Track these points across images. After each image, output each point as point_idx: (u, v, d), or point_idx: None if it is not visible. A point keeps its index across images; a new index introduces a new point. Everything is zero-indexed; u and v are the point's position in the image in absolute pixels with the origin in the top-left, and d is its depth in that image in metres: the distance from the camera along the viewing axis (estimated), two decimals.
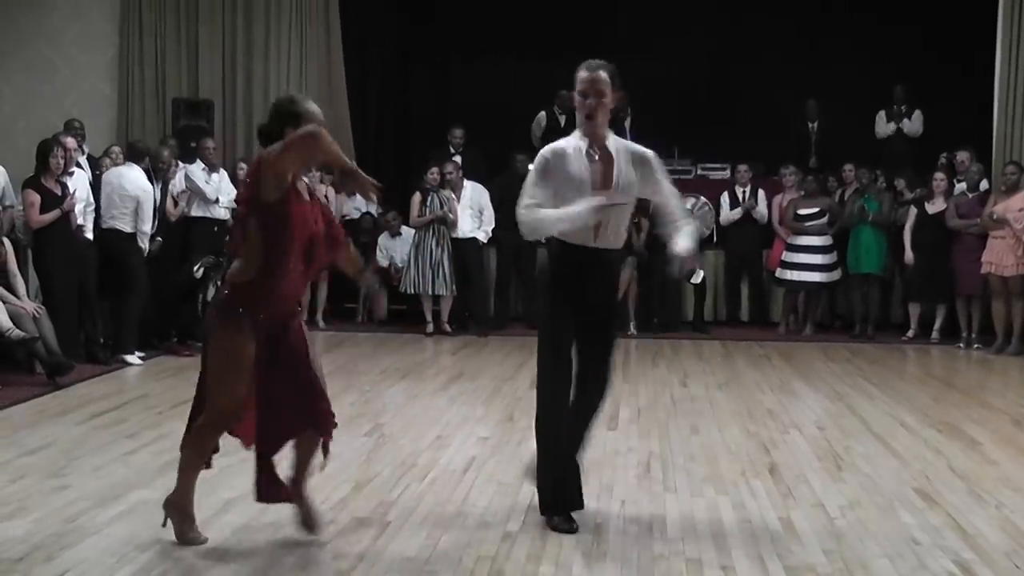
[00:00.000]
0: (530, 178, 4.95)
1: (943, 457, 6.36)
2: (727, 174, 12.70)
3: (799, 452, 6.38)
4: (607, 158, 4.91)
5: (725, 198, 12.29)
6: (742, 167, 12.28)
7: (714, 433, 6.87)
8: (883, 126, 12.97)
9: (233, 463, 5.94)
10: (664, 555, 4.55)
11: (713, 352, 10.51)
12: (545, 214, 4.81)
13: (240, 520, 4.96)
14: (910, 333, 11.49)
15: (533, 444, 6.43)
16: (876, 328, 11.71)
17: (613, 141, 4.98)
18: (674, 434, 6.86)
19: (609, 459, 6.17)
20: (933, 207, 11.28)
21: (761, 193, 12.23)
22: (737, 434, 6.87)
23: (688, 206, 12.21)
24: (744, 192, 12.25)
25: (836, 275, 11.81)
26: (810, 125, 13.42)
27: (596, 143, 4.94)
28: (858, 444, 6.65)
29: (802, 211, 11.80)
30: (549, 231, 4.90)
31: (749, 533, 4.86)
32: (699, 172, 12.79)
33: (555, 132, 13.02)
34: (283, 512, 5.05)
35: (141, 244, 9.53)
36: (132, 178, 9.50)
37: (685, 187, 12.32)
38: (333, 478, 5.67)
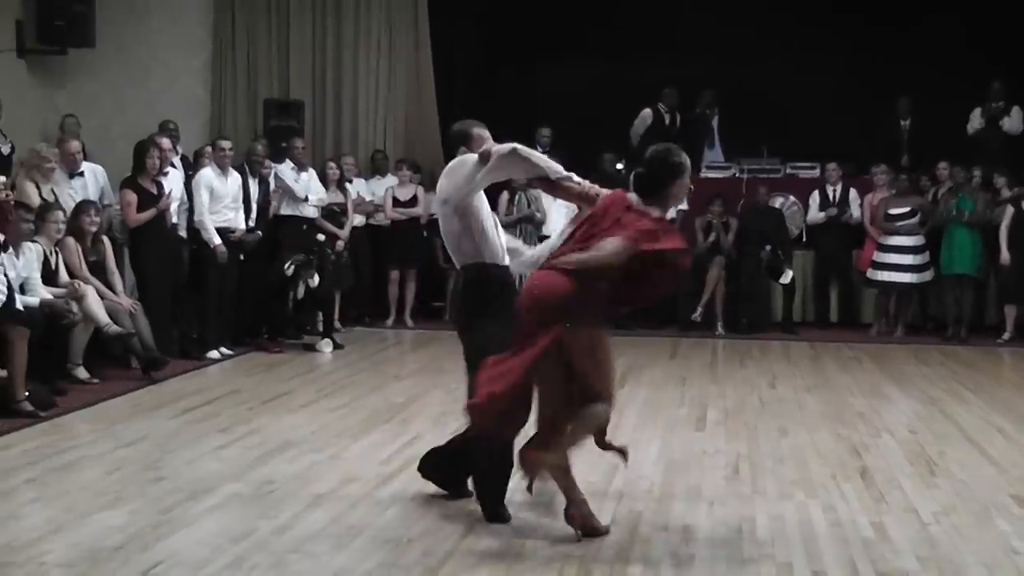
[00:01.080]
0: None
1: None
2: (816, 173, 12.51)
3: (891, 456, 6.27)
4: None
5: (815, 197, 12.11)
6: (831, 166, 12.10)
7: (803, 436, 6.78)
8: (978, 123, 12.66)
9: (322, 459, 6.05)
10: (754, 558, 4.51)
11: (802, 354, 10.37)
12: None
13: (330, 514, 5.02)
14: (1006, 336, 11.21)
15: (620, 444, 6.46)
16: (970, 331, 11.44)
17: None
18: (762, 436, 6.79)
19: (697, 460, 6.13)
20: None
21: (853, 192, 12.03)
22: (827, 437, 6.77)
23: (777, 205, 12.09)
24: (835, 191, 12.06)
25: (928, 276, 11.57)
26: (902, 123, 13.15)
27: None
28: (952, 449, 6.51)
29: (893, 211, 11.58)
30: None
31: (840, 537, 4.79)
32: (788, 171, 12.60)
33: (660, 130, 13.01)
34: (374, 508, 5.12)
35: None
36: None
37: (774, 186, 12.23)
38: (420, 476, 5.71)
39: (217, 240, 9.47)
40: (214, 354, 9.47)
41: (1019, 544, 4.72)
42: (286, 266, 10.00)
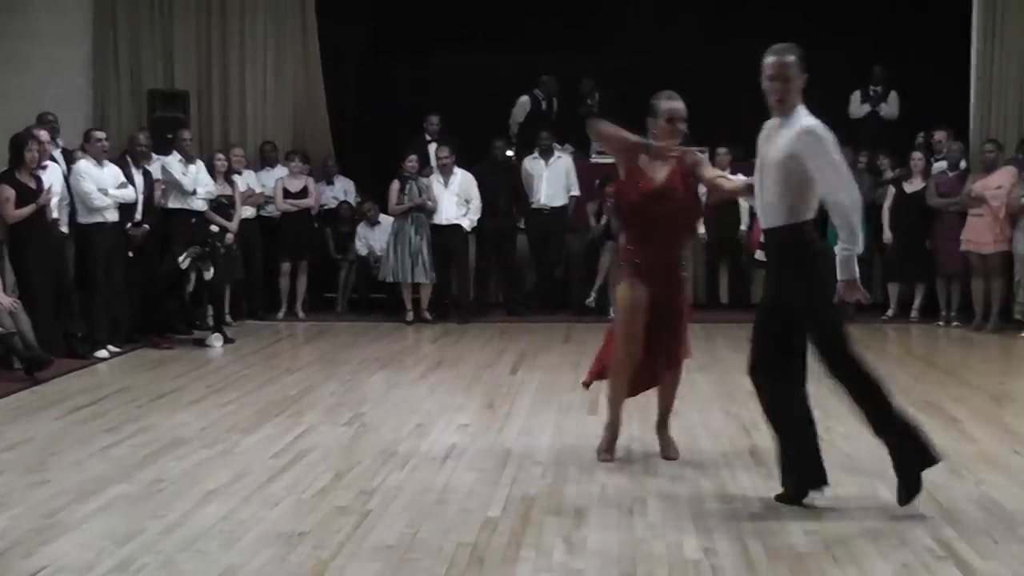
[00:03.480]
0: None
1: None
2: (705, 157, 12.63)
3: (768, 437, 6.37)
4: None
5: None
6: (721, 150, 12.27)
7: (694, 415, 6.88)
8: (857, 107, 12.97)
9: (212, 455, 5.96)
10: (645, 538, 4.56)
11: (693, 334, 10.33)
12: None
13: (221, 511, 4.94)
14: (890, 312, 11.52)
15: (513, 430, 6.47)
16: (857, 308, 11.70)
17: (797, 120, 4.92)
18: (655, 418, 6.84)
19: (590, 444, 6.16)
20: (911, 186, 11.31)
21: (741, 176, 12.18)
22: (718, 416, 6.89)
23: None
24: (726, 174, 12.23)
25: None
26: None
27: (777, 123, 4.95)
28: (839, 424, 6.62)
29: None
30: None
31: (730, 515, 4.87)
32: None
33: (538, 116, 13.06)
34: (266, 503, 5.06)
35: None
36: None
37: None
38: (313, 467, 5.68)
39: (120, 194, 9.34)
40: (102, 352, 9.25)
41: (901, 513, 4.84)
42: (181, 259, 9.82)
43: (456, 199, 11.48)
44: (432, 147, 12.05)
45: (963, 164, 11.43)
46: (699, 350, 9.50)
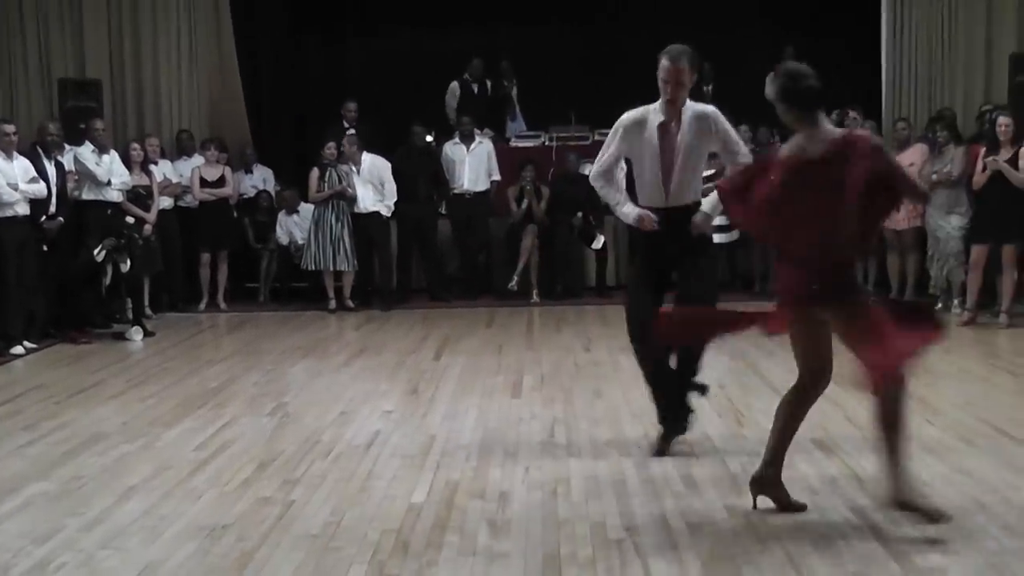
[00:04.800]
0: (608, 139, 5.69)
1: (840, 408, 6.48)
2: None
3: (702, 411, 6.37)
4: (676, 130, 5.53)
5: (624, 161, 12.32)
6: None
7: (618, 396, 6.93)
8: (772, 88, 13.09)
9: (133, 450, 5.88)
10: (568, 519, 4.59)
11: (616, 316, 10.35)
12: (612, 196, 5.73)
13: (142, 506, 4.88)
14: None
15: (437, 416, 6.50)
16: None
17: (688, 110, 5.56)
18: (578, 399, 6.92)
19: (513, 426, 6.21)
20: None
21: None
22: (640, 397, 6.88)
23: (587, 172, 12.24)
24: None
25: (735, 235, 11.95)
26: (704, 88, 13.51)
27: (672, 118, 5.52)
28: (758, 400, 6.76)
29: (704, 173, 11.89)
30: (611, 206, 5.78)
31: (652, 492, 4.92)
32: (596, 138, 12.79)
33: (470, 100, 13.03)
34: (188, 497, 5.01)
35: None
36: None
37: (584, 153, 12.40)
38: (236, 459, 5.64)
39: (30, 189, 9.18)
40: (18, 349, 9.06)
41: (819, 485, 4.96)
42: (96, 251, 9.65)
43: (370, 186, 11.42)
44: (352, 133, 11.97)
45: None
46: (623, 331, 9.60)
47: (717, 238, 11.75)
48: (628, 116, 5.61)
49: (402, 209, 11.65)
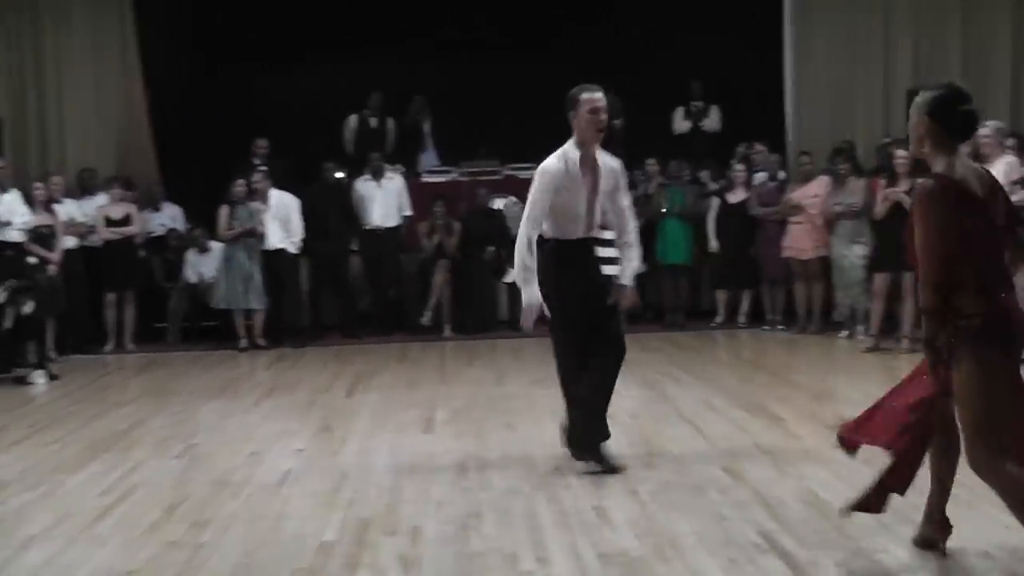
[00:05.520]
0: (531, 197, 5.71)
1: (749, 435, 6.60)
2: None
3: (613, 442, 6.44)
4: (596, 170, 5.77)
5: None
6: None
7: (530, 429, 6.94)
8: (680, 122, 13.34)
9: (34, 498, 5.74)
10: (480, 552, 4.58)
11: (529, 350, 10.56)
12: (530, 269, 5.70)
13: (43, 556, 4.76)
14: (719, 319, 11.87)
15: (349, 453, 6.45)
16: (687, 316, 12.05)
17: (599, 153, 5.80)
18: (490, 433, 6.92)
19: (425, 462, 6.18)
20: (734, 197, 11.69)
21: None
22: (553, 429, 6.91)
23: (498, 206, 12.33)
24: None
25: (642, 267, 12.07)
26: (615, 123, 13.67)
27: (591, 155, 5.74)
28: (669, 428, 6.83)
29: None
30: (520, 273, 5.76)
31: (563, 524, 4.93)
32: (507, 172, 12.87)
33: (368, 134, 13.01)
34: (92, 543, 4.90)
35: None
36: None
37: (495, 187, 12.47)
38: (143, 503, 5.53)
39: None
40: None
41: (728, 512, 5.00)
42: None
43: (277, 222, 11.34)
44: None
45: (782, 175, 11.87)
46: (535, 364, 9.66)
47: (609, 270, 11.91)
48: (550, 164, 5.70)
49: (314, 246, 11.59)
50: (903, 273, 9.60)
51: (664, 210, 11.82)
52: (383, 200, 12.01)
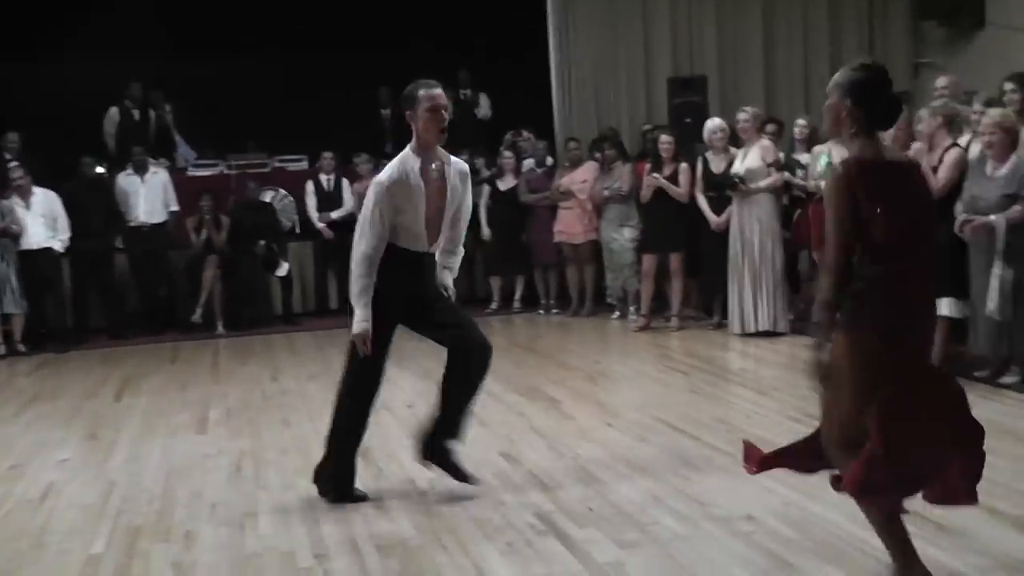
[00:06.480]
0: (366, 211, 4.99)
1: (525, 419, 6.71)
2: (305, 165, 12.67)
3: (389, 433, 6.46)
4: (442, 171, 5.12)
5: (310, 187, 12.22)
6: (327, 155, 12.26)
7: (306, 425, 6.83)
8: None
9: None
10: (257, 552, 4.50)
11: (305, 344, 10.46)
12: (367, 291, 5.09)
13: None
14: (493, 305, 12.00)
15: (118, 460, 6.21)
16: (462, 303, 12.08)
17: (448, 157, 5.17)
18: (265, 430, 6.79)
19: (199, 463, 6.01)
20: (504, 184, 11.83)
21: (344, 182, 12.27)
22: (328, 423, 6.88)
23: (268, 199, 12.10)
24: (330, 180, 12.24)
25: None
26: (383, 112, 13.67)
27: (434, 158, 5.09)
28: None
29: None
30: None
31: (342, 518, 4.89)
32: (276, 164, 12.65)
33: (131, 126, 12.56)
34: None
35: None
36: None
37: (264, 180, 12.23)
38: None
39: None
40: None
41: (506, 496, 5.07)
42: None
43: (42, 220, 10.80)
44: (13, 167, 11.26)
45: (550, 161, 12.09)
46: (311, 359, 9.55)
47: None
48: (389, 175, 4.97)
49: (75, 245, 11.07)
50: (669, 255, 9.94)
51: None
52: (147, 195, 11.59)
